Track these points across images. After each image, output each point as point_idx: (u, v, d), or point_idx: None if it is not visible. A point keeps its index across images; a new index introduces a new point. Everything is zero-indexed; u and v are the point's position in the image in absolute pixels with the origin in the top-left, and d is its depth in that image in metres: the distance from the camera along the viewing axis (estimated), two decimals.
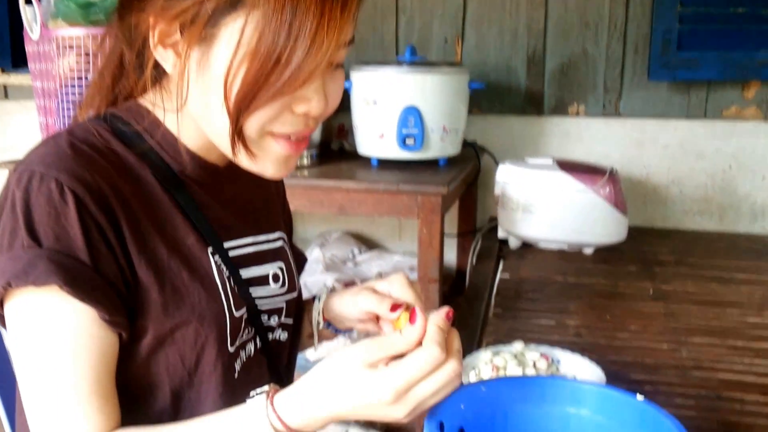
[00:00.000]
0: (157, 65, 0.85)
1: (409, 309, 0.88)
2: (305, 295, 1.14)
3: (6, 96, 3.09)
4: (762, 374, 1.34)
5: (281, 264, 1.04)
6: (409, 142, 2.08)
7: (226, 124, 0.81)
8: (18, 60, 2.82)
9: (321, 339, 1.12)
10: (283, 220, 1.14)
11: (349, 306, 1.05)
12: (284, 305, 1.03)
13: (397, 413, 0.75)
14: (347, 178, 1.99)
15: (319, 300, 1.11)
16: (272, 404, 0.78)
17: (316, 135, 2.20)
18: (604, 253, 2.12)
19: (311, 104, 0.83)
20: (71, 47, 1.94)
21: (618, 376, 1.31)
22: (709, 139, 2.43)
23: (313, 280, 2.33)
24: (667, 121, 2.46)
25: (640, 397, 0.79)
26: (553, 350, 1.29)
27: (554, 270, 1.97)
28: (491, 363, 1.21)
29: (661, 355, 1.43)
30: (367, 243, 2.85)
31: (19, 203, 0.78)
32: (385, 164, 2.19)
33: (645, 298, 1.75)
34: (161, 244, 0.86)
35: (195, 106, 0.85)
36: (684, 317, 1.62)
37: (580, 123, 2.54)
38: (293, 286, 1.06)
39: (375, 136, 2.13)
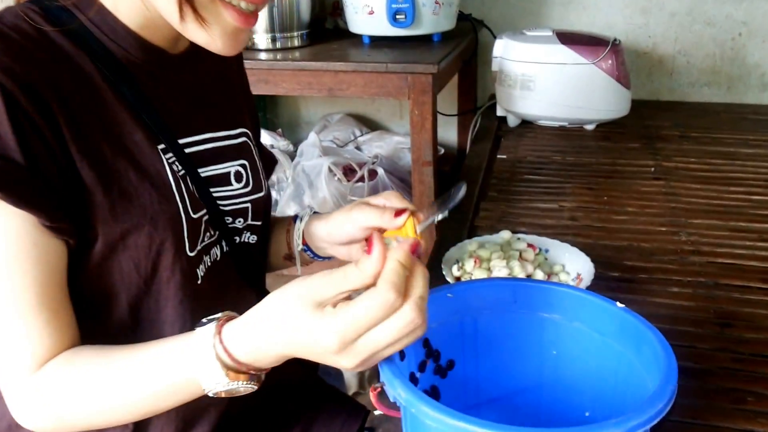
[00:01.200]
0: None
1: (416, 215, 0.80)
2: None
3: None
4: (764, 258, 1.29)
5: (244, 162, 0.96)
6: (400, 17, 1.97)
7: None
8: None
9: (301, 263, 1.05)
10: (249, 117, 1.05)
11: (341, 224, 0.94)
12: (249, 205, 0.96)
13: (346, 363, 0.65)
14: (336, 59, 1.90)
15: (300, 220, 1.03)
16: (220, 333, 0.69)
17: (306, 14, 2.09)
18: (606, 128, 2.04)
19: None
20: None
21: (610, 263, 1.27)
22: (719, 4, 2.30)
23: (310, 164, 2.28)
24: None
25: (619, 304, 0.73)
26: (541, 239, 1.24)
27: (553, 149, 1.91)
28: (474, 255, 1.16)
29: (659, 239, 1.38)
30: (369, 124, 2.78)
31: None
32: (377, 42, 2.09)
33: (646, 176, 1.69)
34: (105, 141, 0.77)
35: None
36: (685, 196, 1.57)
37: None
38: (259, 185, 0.98)
39: (364, 12, 2.03)
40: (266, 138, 2.63)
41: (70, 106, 0.74)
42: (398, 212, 0.83)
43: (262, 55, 2.00)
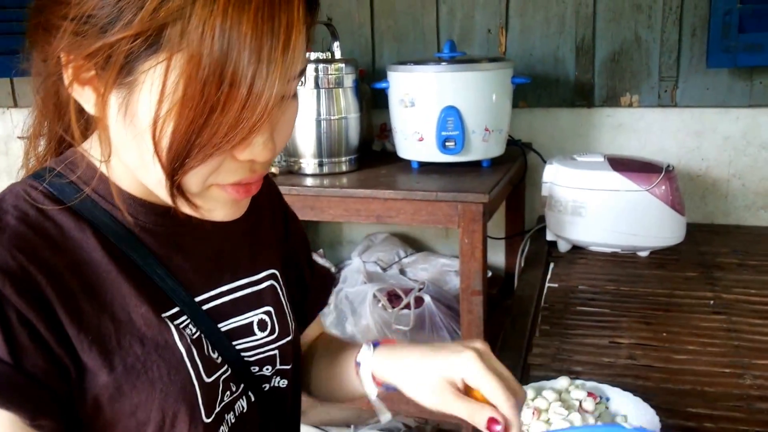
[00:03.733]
0: (80, 106, 0.73)
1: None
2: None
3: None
4: None
5: (268, 308, 0.93)
6: (449, 144, 1.97)
7: (163, 177, 0.69)
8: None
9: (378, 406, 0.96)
10: (282, 252, 1.01)
11: (418, 392, 0.88)
12: (277, 352, 0.92)
13: None
14: (385, 186, 1.90)
15: (366, 356, 0.95)
16: None
17: (354, 139, 2.10)
18: (660, 255, 1.99)
19: (255, 150, 0.71)
20: None
21: (674, 410, 1.20)
22: None
23: (354, 291, 2.26)
24: (728, 110, 2.30)
25: None
26: (602, 387, 1.18)
27: (606, 277, 1.86)
28: (532, 405, 1.11)
29: (723, 382, 1.31)
30: (414, 244, 2.76)
31: None
32: (426, 166, 2.09)
33: (705, 309, 1.63)
34: (107, 320, 0.75)
35: (126, 154, 0.73)
36: (748, 333, 1.50)
37: (634, 114, 2.39)
38: (286, 330, 0.94)
39: (414, 139, 2.03)
40: None
41: (68, 291, 0.73)
42: (491, 421, 0.80)
43: (308, 181, 2.00)
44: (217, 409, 0.83)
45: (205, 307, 0.85)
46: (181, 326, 0.80)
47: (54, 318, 0.71)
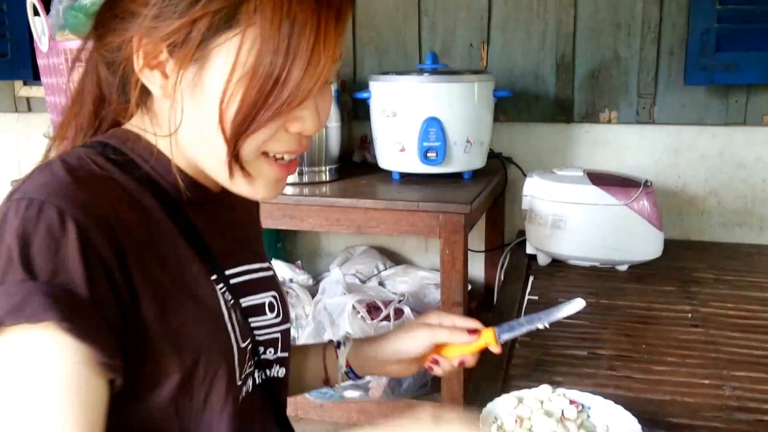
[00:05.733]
0: (142, 87, 0.80)
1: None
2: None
3: (29, 108, 3.05)
4: None
5: (275, 293, 0.99)
6: (431, 155, 1.98)
7: (222, 147, 0.77)
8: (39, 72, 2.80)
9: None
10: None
11: (399, 343, 1.09)
12: (279, 336, 0.98)
13: None
14: (366, 196, 1.90)
15: (344, 345, 1.12)
16: None
17: (335, 148, 2.10)
18: (639, 270, 2.00)
19: (306, 123, 0.81)
20: (80, 60, 1.87)
21: (655, 420, 1.21)
22: (750, 146, 2.31)
23: (333, 302, 2.25)
24: (705, 128, 2.34)
25: None
26: (584, 395, 1.18)
27: (586, 290, 1.86)
28: (514, 413, 1.11)
29: (702, 393, 1.32)
30: (393, 257, 2.76)
31: (16, 233, 0.70)
32: (407, 178, 2.09)
33: (683, 322, 1.64)
34: (166, 273, 0.80)
35: (188, 128, 0.80)
36: (726, 346, 1.51)
37: (612, 130, 2.42)
38: (287, 316, 1.01)
39: (395, 149, 2.04)
40: (284, 270, 2.62)
41: (137, 241, 0.77)
42: (471, 331, 1.02)
43: (288, 189, 2.00)
44: (242, 377, 0.88)
45: (232, 282, 0.90)
46: (222, 291, 0.86)
47: (126, 265, 0.75)
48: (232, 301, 0.87)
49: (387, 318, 2.20)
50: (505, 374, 1.41)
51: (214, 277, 0.86)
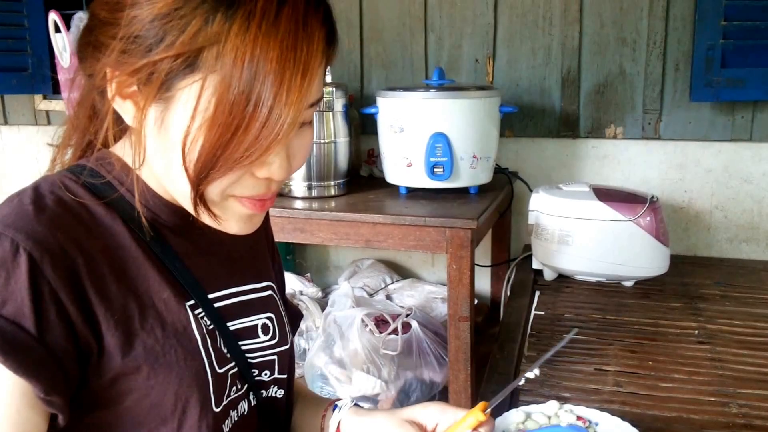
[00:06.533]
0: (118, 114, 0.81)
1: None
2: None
3: (49, 121, 3.09)
4: None
5: (270, 315, 0.99)
6: (438, 171, 1.99)
7: (187, 186, 0.77)
8: (58, 86, 2.83)
9: None
10: (274, 270, 1.08)
11: (385, 427, 0.96)
12: (276, 358, 0.98)
13: None
14: (374, 211, 1.91)
15: (339, 410, 1.03)
16: None
17: (344, 163, 2.12)
18: (645, 286, 2.01)
19: (272, 169, 0.79)
20: (75, 80, 1.89)
21: None
22: (756, 162, 2.31)
23: (342, 315, 2.25)
24: (711, 143, 2.34)
25: None
26: (591, 411, 1.19)
27: (592, 306, 1.87)
28: (522, 428, 1.11)
29: (709, 410, 1.32)
30: (400, 271, 2.77)
31: None
32: (414, 192, 2.10)
33: (689, 339, 1.64)
34: (132, 302, 0.80)
35: (156, 163, 0.81)
36: (732, 363, 1.51)
37: (618, 146, 2.43)
38: (284, 338, 1.00)
39: (402, 164, 2.05)
40: (294, 283, 2.63)
41: (99, 272, 0.77)
42: None
43: (298, 204, 2.01)
44: (225, 402, 0.87)
45: (216, 305, 0.89)
46: (198, 316, 0.86)
47: (84, 297, 0.75)
48: (211, 326, 0.87)
49: (395, 332, 2.20)
50: (513, 390, 1.42)
51: (191, 302, 0.86)
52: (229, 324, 0.91)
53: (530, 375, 0.97)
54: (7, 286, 0.71)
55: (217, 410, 0.85)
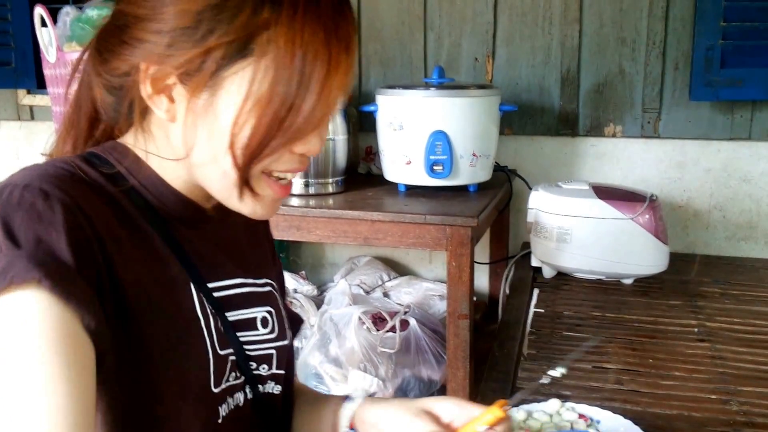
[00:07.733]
0: (143, 108, 0.83)
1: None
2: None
3: (32, 117, 3.06)
4: None
5: (270, 309, 0.99)
6: (437, 168, 1.99)
7: (230, 170, 0.79)
8: (43, 81, 2.80)
9: None
10: (274, 269, 1.08)
11: (400, 418, 0.94)
12: (274, 353, 0.97)
13: None
14: (373, 208, 1.91)
15: (352, 401, 1.01)
16: None
17: (342, 160, 2.11)
18: (644, 283, 2.00)
19: (311, 145, 0.83)
20: (79, 72, 1.89)
21: None
22: (755, 161, 2.31)
23: (339, 313, 2.25)
24: (710, 142, 2.35)
25: None
26: (592, 409, 1.18)
27: (592, 304, 1.86)
28: (524, 427, 1.11)
29: (709, 408, 1.32)
30: (397, 268, 2.77)
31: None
32: (414, 190, 2.10)
33: (689, 337, 1.64)
34: (144, 272, 0.81)
35: (197, 151, 0.81)
36: (733, 361, 1.51)
37: (617, 144, 2.43)
38: (283, 333, 1.00)
39: (401, 162, 2.05)
40: (289, 281, 2.62)
41: (117, 237, 0.78)
42: None
43: (295, 201, 2.01)
44: (223, 386, 0.87)
45: (216, 294, 0.90)
46: (200, 299, 0.86)
47: (107, 255, 0.76)
48: (212, 311, 0.87)
49: (393, 329, 2.20)
50: (512, 387, 1.42)
51: (194, 287, 0.86)
52: (228, 314, 0.91)
53: (555, 374, 1.00)
54: (40, 224, 0.70)
55: (216, 391, 0.86)
